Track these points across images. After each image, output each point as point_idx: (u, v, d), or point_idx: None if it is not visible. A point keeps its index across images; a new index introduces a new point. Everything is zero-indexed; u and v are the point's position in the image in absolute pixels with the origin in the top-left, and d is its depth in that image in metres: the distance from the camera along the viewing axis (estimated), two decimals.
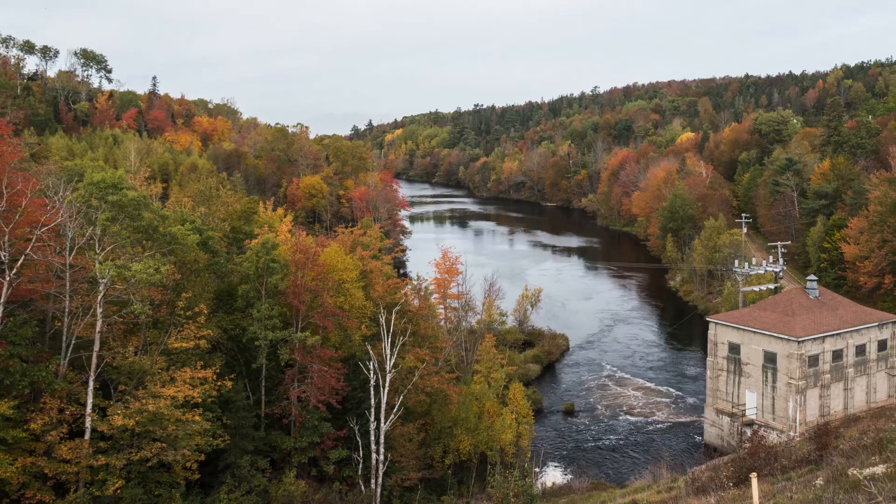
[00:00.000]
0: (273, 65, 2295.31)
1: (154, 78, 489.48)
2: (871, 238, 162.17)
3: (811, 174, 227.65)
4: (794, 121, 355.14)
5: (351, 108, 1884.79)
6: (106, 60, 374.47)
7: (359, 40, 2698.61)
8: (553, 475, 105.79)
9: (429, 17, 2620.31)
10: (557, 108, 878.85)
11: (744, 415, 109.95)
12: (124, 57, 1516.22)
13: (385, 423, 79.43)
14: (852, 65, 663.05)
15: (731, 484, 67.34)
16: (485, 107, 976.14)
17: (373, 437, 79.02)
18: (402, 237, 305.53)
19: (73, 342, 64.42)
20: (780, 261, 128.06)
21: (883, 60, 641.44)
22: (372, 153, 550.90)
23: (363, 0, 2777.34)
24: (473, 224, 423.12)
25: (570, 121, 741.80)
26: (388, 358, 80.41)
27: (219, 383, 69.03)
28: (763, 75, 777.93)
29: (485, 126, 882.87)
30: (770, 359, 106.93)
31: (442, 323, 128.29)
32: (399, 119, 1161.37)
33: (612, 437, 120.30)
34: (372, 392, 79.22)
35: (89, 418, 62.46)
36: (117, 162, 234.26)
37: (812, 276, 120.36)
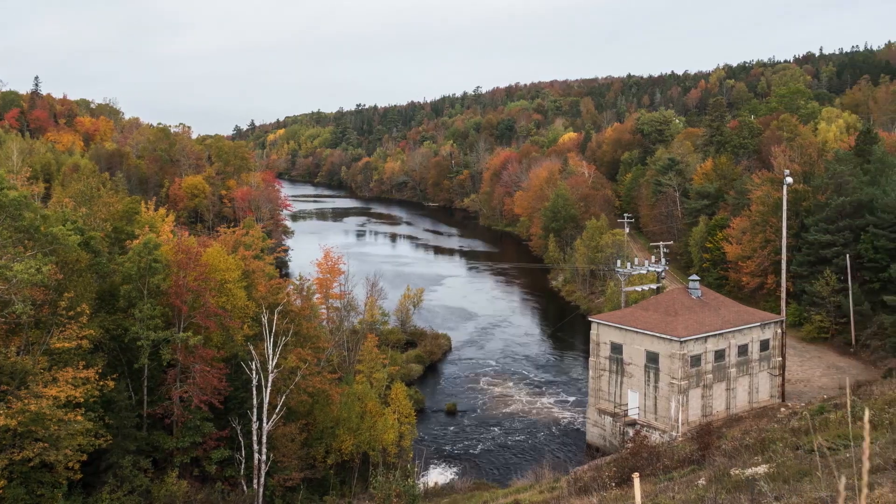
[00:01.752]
0: (161, 68, 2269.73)
1: (36, 78, 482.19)
2: (753, 238, 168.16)
3: (693, 174, 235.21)
4: (677, 121, 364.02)
5: (233, 108, 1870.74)
6: None
7: (243, 41, 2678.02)
8: (435, 475, 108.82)
9: (314, 19, 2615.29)
10: (440, 108, 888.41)
11: (626, 415, 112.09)
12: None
13: (267, 423, 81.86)
14: (734, 65, 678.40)
15: (614, 484, 69.20)
16: (367, 107, 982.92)
17: (255, 437, 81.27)
18: (284, 237, 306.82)
19: None
20: (663, 261, 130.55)
21: (765, 60, 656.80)
22: (254, 153, 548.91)
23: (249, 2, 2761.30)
24: (355, 224, 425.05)
25: (452, 121, 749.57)
26: (271, 358, 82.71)
27: (101, 383, 71.04)
28: (645, 75, 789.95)
29: (367, 126, 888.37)
30: (652, 359, 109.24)
31: (324, 323, 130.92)
32: (281, 119, 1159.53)
33: (494, 437, 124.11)
34: (254, 392, 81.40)
35: None
36: None
37: (694, 276, 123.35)
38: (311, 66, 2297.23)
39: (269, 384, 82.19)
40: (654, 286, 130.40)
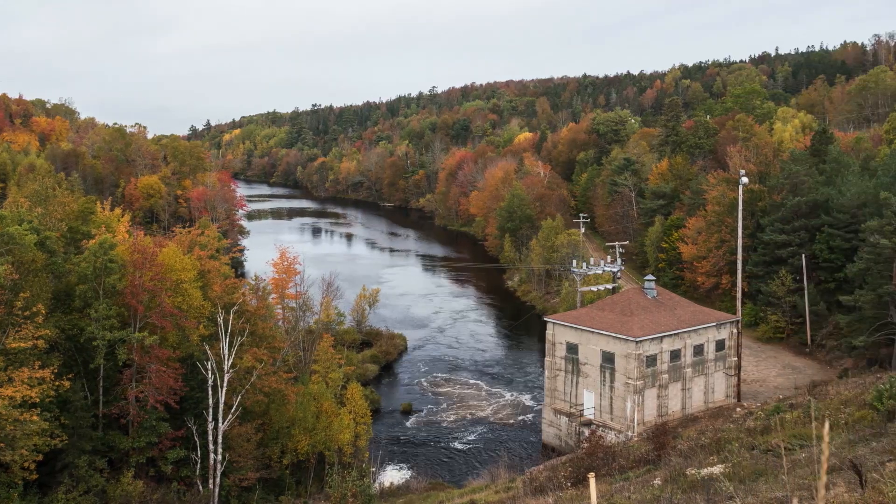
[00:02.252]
0: (118, 68, 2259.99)
1: None
2: (708, 238, 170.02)
3: (649, 174, 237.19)
4: (632, 121, 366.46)
5: (188, 108, 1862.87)
6: None
7: (197, 42, 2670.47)
8: (391, 475, 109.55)
9: (269, 21, 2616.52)
10: (395, 108, 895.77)
11: (582, 415, 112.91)
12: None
13: (223, 423, 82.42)
14: (690, 65, 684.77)
15: (569, 484, 70.42)
16: (323, 107, 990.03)
17: (211, 437, 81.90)
18: (239, 237, 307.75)
19: None
20: (618, 261, 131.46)
21: (721, 60, 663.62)
22: (210, 153, 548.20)
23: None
24: (311, 224, 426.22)
25: (407, 121, 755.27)
26: (226, 358, 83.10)
27: (57, 383, 71.36)
28: (601, 75, 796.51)
29: (323, 126, 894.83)
30: (608, 359, 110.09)
31: (280, 323, 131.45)
32: (237, 119, 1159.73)
33: (449, 437, 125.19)
34: (210, 392, 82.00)
35: None
36: None
37: (650, 276, 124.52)
38: (267, 66, 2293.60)
39: (225, 384, 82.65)
40: (609, 286, 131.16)
